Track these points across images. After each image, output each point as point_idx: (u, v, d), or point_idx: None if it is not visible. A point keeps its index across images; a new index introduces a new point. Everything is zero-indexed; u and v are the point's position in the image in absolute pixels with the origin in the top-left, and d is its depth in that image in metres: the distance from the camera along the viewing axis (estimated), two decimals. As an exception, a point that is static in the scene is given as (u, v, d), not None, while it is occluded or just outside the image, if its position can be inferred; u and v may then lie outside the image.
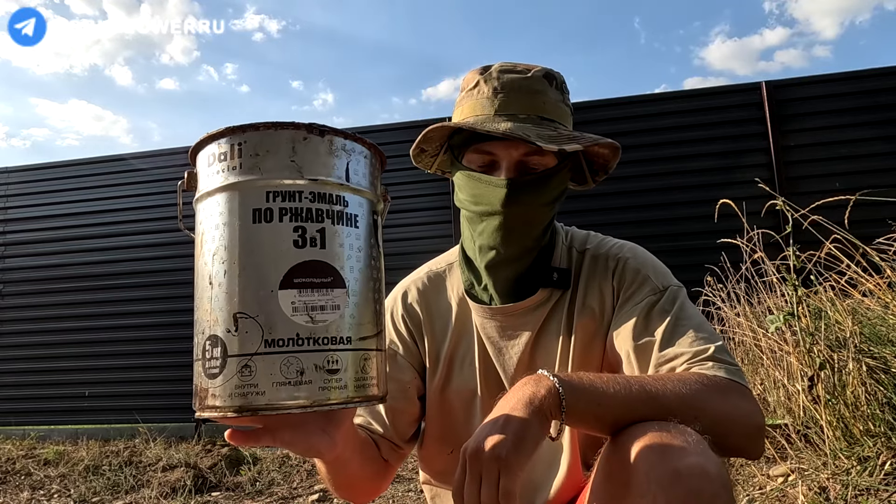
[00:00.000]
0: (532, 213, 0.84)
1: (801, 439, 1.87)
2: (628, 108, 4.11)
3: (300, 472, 3.16)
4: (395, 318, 0.98)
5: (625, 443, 0.61)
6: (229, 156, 0.58)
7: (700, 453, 0.57)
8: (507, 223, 0.83)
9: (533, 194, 0.83)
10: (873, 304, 2.05)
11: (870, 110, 3.79)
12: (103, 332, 4.60)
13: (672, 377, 0.70)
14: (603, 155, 0.90)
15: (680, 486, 0.54)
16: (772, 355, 2.16)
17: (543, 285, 0.89)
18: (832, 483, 1.61)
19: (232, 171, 0.57)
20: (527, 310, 0.89)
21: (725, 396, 0.69)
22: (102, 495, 2.93)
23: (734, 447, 0.68)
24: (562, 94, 0.87)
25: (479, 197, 0.84)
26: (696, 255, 3.71)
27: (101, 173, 4.78)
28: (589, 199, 4.02)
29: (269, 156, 0.56)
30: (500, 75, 0.85)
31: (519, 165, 0.83)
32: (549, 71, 0.87)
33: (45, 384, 4.66)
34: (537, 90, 0.84)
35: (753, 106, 3.90)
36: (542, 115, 0.83)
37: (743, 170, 3.85)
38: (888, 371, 1.75)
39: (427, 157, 0.96)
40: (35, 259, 4.79)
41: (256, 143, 0.57)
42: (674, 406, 0.65)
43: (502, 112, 0.82)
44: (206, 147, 0.60)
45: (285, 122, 0.57)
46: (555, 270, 0.89)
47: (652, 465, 0.56)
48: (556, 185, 0.86)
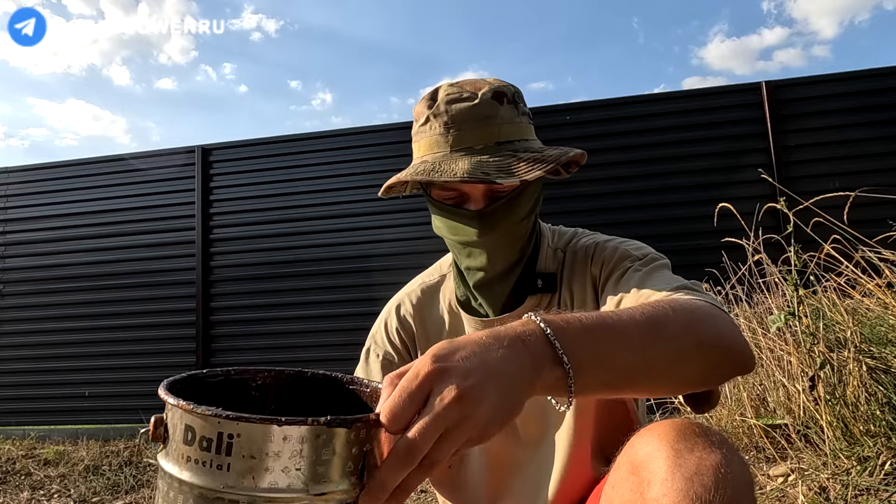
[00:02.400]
0: (511, 232, 0.85)
1: (801, 439, 1.88)
2: (628, 108, 4.10)
3: (300, 472, 3.16)
4: (389, 330, 0.99)
5: (649, 440, 0.61)
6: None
7: (725, 452, 0.57)
8: (489, 249, 0.84)
9: (506, 217, 0.84)
10: (873, 305, 2.05)
11: (870, 110, 3.79)
12: (103, 332, 4.60)
13: (661, 302, 0.66)
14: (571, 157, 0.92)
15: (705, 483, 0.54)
16: (772, 355, 2.16)
17: (530, 292, 0.90)
18: (832, 483, 1.61)
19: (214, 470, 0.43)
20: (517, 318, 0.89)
21: (714, 319, 0.67)
22: (102, 495, 2.93)
23: (730, 371, 0.67)
24: (515, 109, 0.84)
25: (455, 229, 0.85)
26: (696, 256, 3.71)
27: (100, 173, 4.78)
28: (589, 199, 4.03)
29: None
30: (447, 108, 0.82)
31: (487, 195, 0.83)
32: (498, 88, 0.84)
33: (45, 384, 4.66)
34: (488, 115, 0.81)
35: (753, 106, 3.90)
36: (498, 140, 0.82)
37: (743, 170, 3.85)
38: (888, 371, 1.75)
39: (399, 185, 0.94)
40: (35, 259, 4.79)
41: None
42: (679, 331, 0.61)
43: (457, 147, 0.81)
44: (183, 414, 0.45)
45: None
46: (539, 276, 0.90)
47: (679, 463, 0.56)
48: (529, 198, 0.86)
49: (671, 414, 2.51)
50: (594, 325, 0.57)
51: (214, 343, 4.45)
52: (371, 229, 4.29)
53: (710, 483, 0.53)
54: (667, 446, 0.57)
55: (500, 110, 0.82)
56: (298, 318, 4.33)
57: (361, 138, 4.40)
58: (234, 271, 4.49)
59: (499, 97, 0.83)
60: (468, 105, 0.82)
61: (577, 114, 4.16)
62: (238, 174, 4.58)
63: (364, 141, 4.38)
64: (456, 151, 0.81)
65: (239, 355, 4.41)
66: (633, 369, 0.59)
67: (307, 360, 4.27)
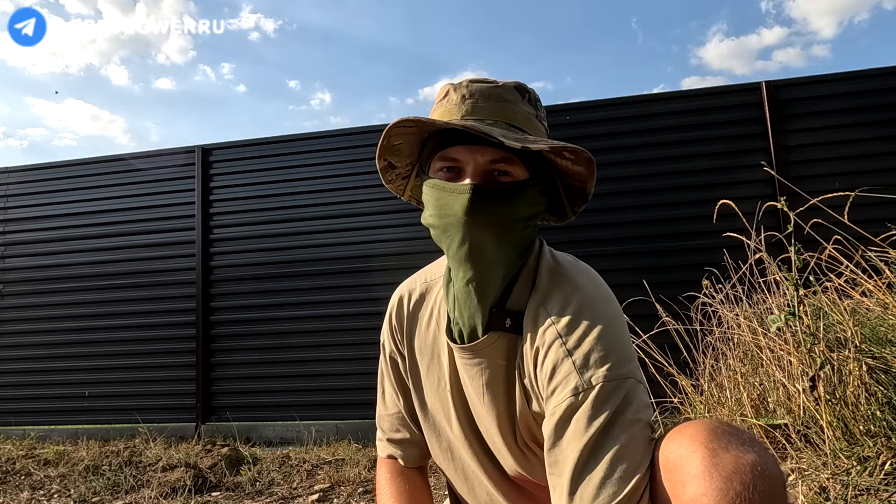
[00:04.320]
0: (500, 228, 0.77)
1: (801, 439, 1.88)
2: (628, 108, 4.10)
3: (300, 472, 3.16)
4: (391, 324, 0.99)
5: (682, 441, 0.60)
6: None
7: (759, 451, 0.57)
8: (472, 235, 0.76)
9: (499, 205, 0.76)
10: (873, 305, 2.05)
11: (870, 110, 3.79)
12: (103, 332, 4.61)
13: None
14: (578, 174, 0.82)
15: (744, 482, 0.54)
16: (772, 355, 2.16)
17: (495, 328, 0.81)
18: (832, 483, 1.61)
19: None
20: (484, 348, 0.83)
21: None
22: (102, 495, 2.93)
23: None
24: (535, 109, 0.83)
25: (443, 207, 0.78)
26: (696, 255, 3.72)
27: (100, 173, 4.78)
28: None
29: None
30: (469, 84, 0.81)
31: (486, 174, 0.78)
32: (523, 84, 0.84)
33: (45, 384, 4.66)
34: (507, 99, 0.80)
35: (753, 106, 3.90)
36: (511, 122, 0.79)
37: (743, 170, 3.85)
38: (888, 371, 1.75)
39: (398, 179, 0.91)
40: (35, 259, 4.79)
41: None
42: None
43: (469, 116, 0.78)
44: None
45: None
46: (508, 315, 0.81)
47: (716, 462, 0.56)
48: (527, 202, 0.79)
49: (671, 413, 2.51)
50: None
51: (214, 343, 4.45)
52: (371, 229, 4.29)
53: (748, 481, 0.54)
54: (701, 446, 0.58)
55: (519, 101, 0.82)
56: (298, 318, 4.33)
57: (361, 138, 4.40)
58: (234, 271, 4.49)
59: (521, 91, 0.83)
60: (490, 86, 0.81)
61: (576, 114, 4.16)
62: (238, 174, 4.58)
63: (364, 141, 4.37)
64: (467, 118, 0.78)
65: (239, 355, 4.41)
66: None
67: (307, 360, 4.27)
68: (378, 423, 1.03)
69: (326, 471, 3.11)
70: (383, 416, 1.02)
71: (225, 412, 4.34)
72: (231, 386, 4.41)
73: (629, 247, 3.91)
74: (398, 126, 0.79)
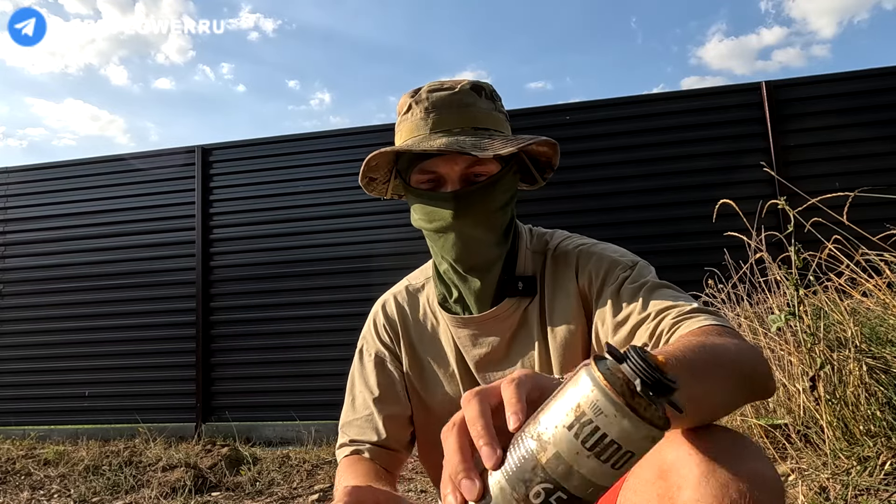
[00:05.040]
0: (485, 221, 0.86)
1: (801, 439, 1.87)
2: (628, 108, 4.10)
3: (300, 472, 3.16)
4: (378, 329, 1.03)
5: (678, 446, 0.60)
6: None
7: (758, 459, 0.56)
8: (463, 235, 0.85)
9: (481, 202, 0.85)
10: (873, 305, 2.05)
11: (870, 110, 3.79)
12: (103, 332, 4.60)
13: (695, 332, 0.68)
14: (544, 153, 0.92)
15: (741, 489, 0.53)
16: (772, 355, 2.16)
17: (509, 295, 0.90)
18: (832, 483, 1.61)
19: None
20: (497, 319, 0.91)
21: (740, 340, 0.68)
22: (102, 495, 2.93)
23: (760, 389, 0.68)
24: (493, 103, 0.90)
25: (431, 214, 0.87)
26: (696, 255, 3.72)
27: (100, 173, 4.78)
28: (589, 199, 4.02)
29: None
30: (429, 95, 0.87)
31: (463, 178, 0.85)
32: (476, 83, 0.90)
33: (45, 384, 4.66)
34: (467, 103, 0.87)
35: (753, 106, 3.90)
36: (475, 126, 0.86)
37: (743, 170, 3.85)
38: (888, 371, 1.75)
39: (379, 185, 0.99)
40: (35, 259, 4.79)
41: None
42: (731, 357, 0.63)
43: (436, 129, 0.85)
44: None
45: None
46: (519, 279, 0.91)
47: (712, 468, 0.55)
48: (504, 189, 0.88)
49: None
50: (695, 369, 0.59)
51: (214, 343, 4.45)
52: (371, 229, 4.29)
53: (744, 489, 0.53)
54: (696, 452, 0.57)
55: (478, 101, 0.88)
56: (298, 318, 4.33)
57: (361, 138, 4.40)
58: (234, 271, 4.49)
59: (477, 90, 0.89)
60: (448, 93, 0.87)
61: (576, 114, 4.16)
62: (238, 174, 4.58)
63: (363, 141, 4.38)
64: (434, 132, 0.85)
65: (239, 355, 4.41)
66: (711, 411, 0.62)
67: (307, 360, 4.27)
68: (341, 429, 1.00)
69: (326, 471, 3.11)
70: (351, 422, 0.99)
71: (225, 412, 4.34)
72: (231, 386, 4.41)
73: (629, 247, 3.89)
74: (378, 155, 0.87)
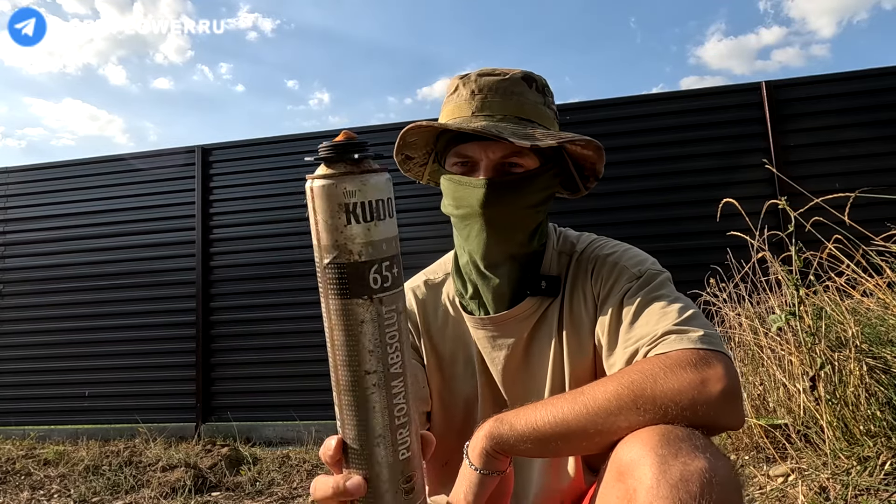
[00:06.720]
0: (514, 216, 0.83)
1: (801, 439, 1.87)
2: (628, 108, 4.10)
3: (300, 472, 3.16)
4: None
5: (634, 446, 0.60)
6: None
7: (710, 457, 0.56)
8: (489, 225, 0.82)
9: (513, 195, 0.81)
10: (873, 305, 2.04)
11: (870, 110, 3.78)
12: (103, 332, 4.60)
13: (611, 378, 0.69)
14: (588, 157, 0.88)
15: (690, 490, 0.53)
16: (772, 355, 2.15)
17: (532, 293, 0.87)
18: (832, 483, 1.61)
19: None
20: (516, 319, 0.88)
21: (672, 373, 0.65)
22: (102, 495, 2.93)
23: (702, 421, 0.64)
24: (543, 97, 0.86)
25: (460, 199, 0.83)
26: (696, 255, 3.71)
27: (100, 173, 4.78)
28: (588, 199, 4.01)
29: None
30: (478, 78, 0.85)
31: (498, 167, 0.82)
32: (529, 74, 0.87)
33: (45, 384, 4.66)
34: (515, 91, 0.84)
35: (753, 106, 3.90)
36: (520, 115, 0.82)
37: (743, 170, 3.85)
38: (888, 371, 1.75)
39: (416, 167, 0.96)
40: (35, 259, 4.79)
41: None
42: (611, 406, 0.65)
43: (479, 113, 0.82)
44: None
45: None
46: (543, 278, 0.88)
47: (664, 469, 0.55)
48: (539, 188, 0.84)
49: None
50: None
51: (214, 343, 4.45)
52: (371, 229, 4.28)
53: (695, 489, 0.53)
54: (651, 452, 0.57)
55: (526, 91, 0.85)
56: (299, 318, 4.32)
57: (360, 138, 4.38)
58: (234, 271, 4.49)
59: (528, 80, 0.86)
60: (497, 79, 0.85)
61: (576, 114, 4.16)
62: (238, 174, 4.58)
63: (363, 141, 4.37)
64: (476, 115, 0.82)
65: (239, 355, 4.41)
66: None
67: (307, 360, 4.27)
68: None
69: (326, 471, 3.10)
70: None
71: (225, 412, 4.33)
72: (231, 386, 4.40)
73: (629, 247, 3.90)
74: (414, 128, 0.84)
